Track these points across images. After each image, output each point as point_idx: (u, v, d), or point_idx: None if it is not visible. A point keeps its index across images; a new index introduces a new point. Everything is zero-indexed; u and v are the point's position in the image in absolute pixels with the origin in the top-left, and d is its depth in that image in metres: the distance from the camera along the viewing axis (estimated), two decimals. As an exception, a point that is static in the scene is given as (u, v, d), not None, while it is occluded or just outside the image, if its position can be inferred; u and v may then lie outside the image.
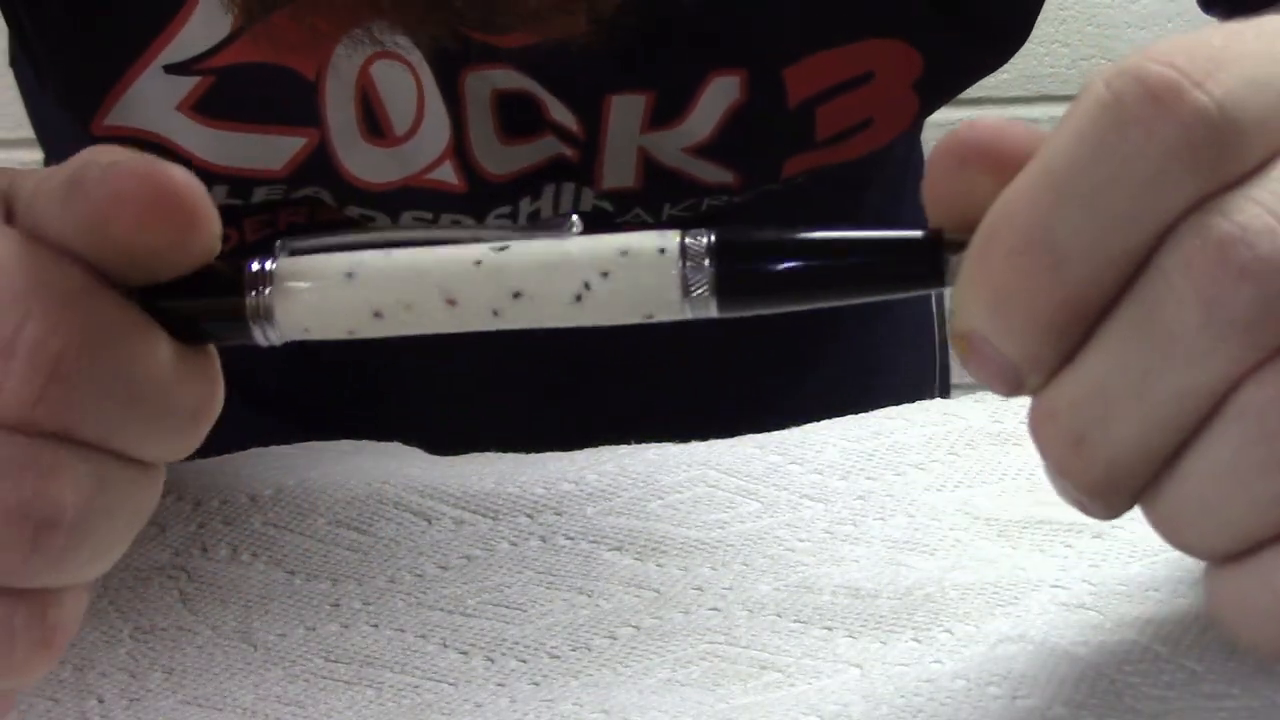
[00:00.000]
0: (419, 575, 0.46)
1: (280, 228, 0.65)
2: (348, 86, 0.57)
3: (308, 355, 0.76)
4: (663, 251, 0.33)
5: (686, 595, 0.44)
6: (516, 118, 0.59)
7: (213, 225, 0.36)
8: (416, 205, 0.61)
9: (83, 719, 0.42)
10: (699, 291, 0.33)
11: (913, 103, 0.61)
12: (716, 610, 0.44)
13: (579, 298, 0.34)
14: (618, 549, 0.46)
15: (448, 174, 0.60)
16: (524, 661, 0.43)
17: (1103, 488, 0.32)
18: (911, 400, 0.51)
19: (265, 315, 0.36)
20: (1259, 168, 0.30)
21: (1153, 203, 0.30)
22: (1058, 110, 1.74)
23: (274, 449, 0.52)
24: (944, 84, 0.62)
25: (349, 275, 0.35)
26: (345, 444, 0.52)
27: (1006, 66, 0.64)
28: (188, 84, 0.57)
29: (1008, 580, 0.43)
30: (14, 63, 0.78)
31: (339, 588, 0.45)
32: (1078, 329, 0.31)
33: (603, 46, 0.49)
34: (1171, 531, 0.33)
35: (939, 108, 0.63)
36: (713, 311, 0.33)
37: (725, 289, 0.33)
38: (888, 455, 0.49)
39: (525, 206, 0.62)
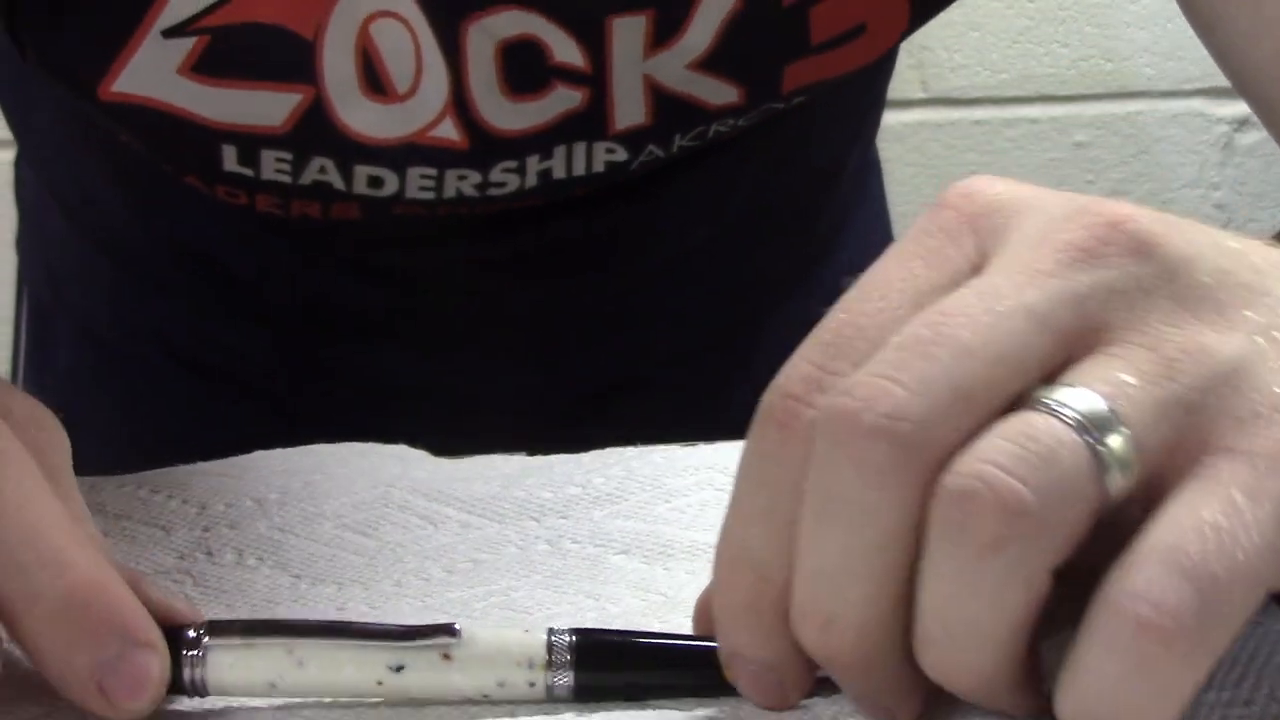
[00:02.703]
0: (425, 579, 0.46)
1: (293, 214, 0.65)
2: (347, 44, 0.58)
3: (312, 359, 0.76)
4: (532, 685, 0.39)
5: (694, 599, 0.44)
6: (521, 70, 0.60)
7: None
8: (421, 162, 0.62)
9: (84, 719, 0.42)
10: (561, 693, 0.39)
11: (904, 11, 0.62)
12: (724, 614, 0.44)
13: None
14: (625, 552, 0.46)
15: (449, 130, 0.61)
16: (531, 666, 0.43)
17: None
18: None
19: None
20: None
21: (789, 500, 0.36)
22: (1057, 110, 1.74)
23: (279, 452, 0.52)
24: None
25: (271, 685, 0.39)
26: (350, 447, 0.52)
27: (1006, 66, 0.64)
28: (185, 46, 0.59)
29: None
30: None
31: (345, 592, 0.45)
32: (778, 611, 0.36)
33: None
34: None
35: (929, 19, 0.64)
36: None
37: (583, 692, 0.39)
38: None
39: (534, 164, 0.63)
